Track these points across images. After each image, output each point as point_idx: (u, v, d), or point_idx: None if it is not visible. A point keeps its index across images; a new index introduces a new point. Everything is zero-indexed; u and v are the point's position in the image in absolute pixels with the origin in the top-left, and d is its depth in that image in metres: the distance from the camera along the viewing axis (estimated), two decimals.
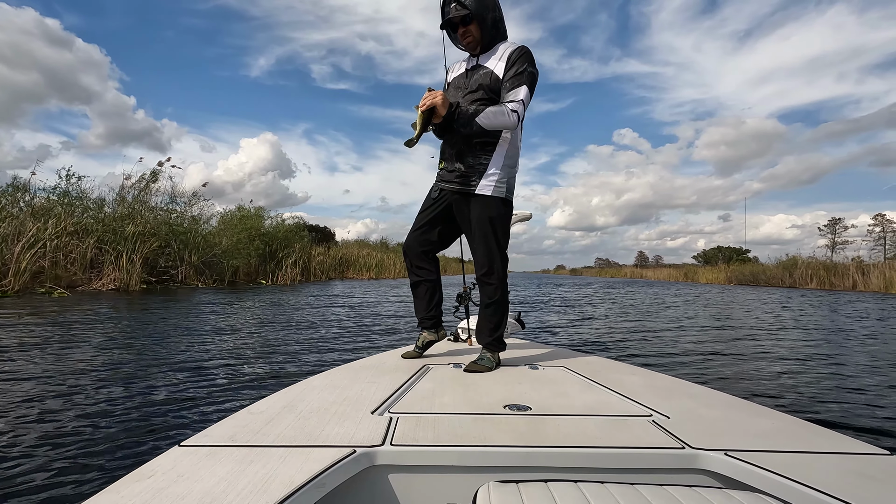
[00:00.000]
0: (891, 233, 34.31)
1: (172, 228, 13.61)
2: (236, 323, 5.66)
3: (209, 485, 0.78)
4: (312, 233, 26.53)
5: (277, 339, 4.56)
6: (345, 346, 4.29)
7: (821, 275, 20.26)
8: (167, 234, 13.14)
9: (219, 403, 2.42)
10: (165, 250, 13.00)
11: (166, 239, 13.05)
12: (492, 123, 1.72)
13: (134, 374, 2.97)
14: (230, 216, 18.12)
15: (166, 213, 14.26)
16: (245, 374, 3.08)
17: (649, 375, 1.71)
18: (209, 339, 4.38)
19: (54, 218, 10.81)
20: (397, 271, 26.91)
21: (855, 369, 3.63)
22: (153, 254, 12.29)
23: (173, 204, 14.94)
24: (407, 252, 2.00)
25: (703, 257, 53.76)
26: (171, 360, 3.39)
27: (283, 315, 6.65)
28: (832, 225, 38.64)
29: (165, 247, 13.00)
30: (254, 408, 1.21)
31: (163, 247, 12.85)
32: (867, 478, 0.86)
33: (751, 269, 26.62)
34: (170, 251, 13.13)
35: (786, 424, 1.16)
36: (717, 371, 3.53)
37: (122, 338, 4.32)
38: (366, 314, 7.00)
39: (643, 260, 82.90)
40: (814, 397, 2.80)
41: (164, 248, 12.92)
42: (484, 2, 1.79)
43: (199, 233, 14.93)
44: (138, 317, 5.93)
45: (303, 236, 21.20)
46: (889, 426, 2.29)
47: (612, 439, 1.03)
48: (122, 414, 2.22)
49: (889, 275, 17.12)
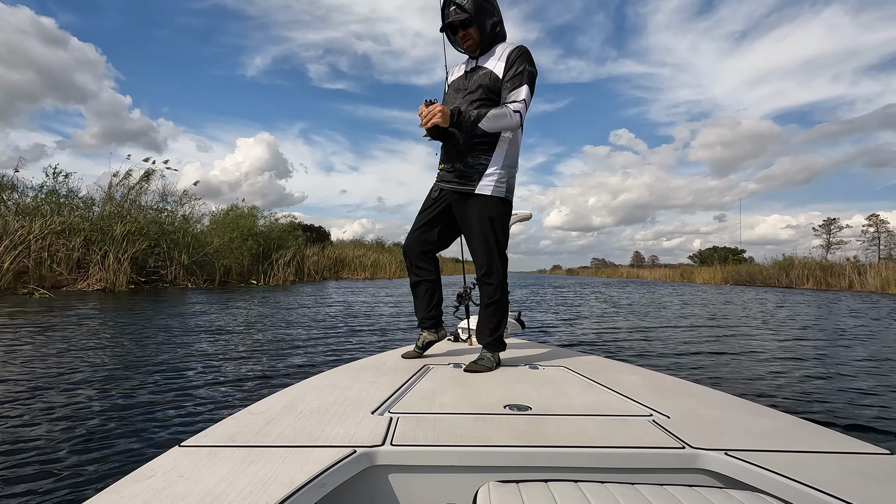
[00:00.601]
0: (885, 233, 34.50)
1: (162, 228, 13.41)
2: (227, 323, 5.65)
3: (209, 485, 0.78)
4: (307, 232, 26.35)
5: (275, 339, 4.55)
6: (343, 346, 4.29)
7: (817, 275, 20.26)
8: (157, 234, 12.98)
9: (219, 404, 2.41)
10: (155, 250, 12.83)
11: (156, 239, 12.89)
12: (495, 126, 1.72)
13: (131, 375, 2.97)
14: (222, 215, 17.97)
15: (156, 213, 14.11)
16: (244, 374, 3.07)
17: (649, 375, 1.71)
18: (206, 340, 4.37)
19: (40, 217, 10.66)
20: (392, 271, 26.77)
21: (855, 369, 3.63)
22: (142, 254, 12.13)
23: (164, 203, 14.84)
24: (407, 252, 2.00)
25: (698, 257, 54.06)
26: (169, 361, 3.39)
27: (274, 315, 6.63)
28: (827, 225, 38.82)
29: (155, 246, 12.83)
30: (254, 408, 1.20)
31: (152, 246, 12.68)
32: (868, 477, 0.86)
33: (747, 269, 26.59)
34: (159, 251, 12.96)
35: (786, 424, 1.16)
36: (717, 371, 3.53)
37: (115, 339, 4.31)
38: (360, 314, 7.00)
39: (639, 260, 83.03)
40: (814, 397, 2.81)
41: (153, 247, 12.75)
42: (483, 5, 1.80)
43: (190, 232, 14.68)
44: (118, 319, 5.79)
45: (297, 236, 21.00)
46: (890, 426, 2.29)
47: (612, 439, 1.03)
48: (121, 414, 2.21)
49: (885, 274, 17.15)
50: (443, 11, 1.86)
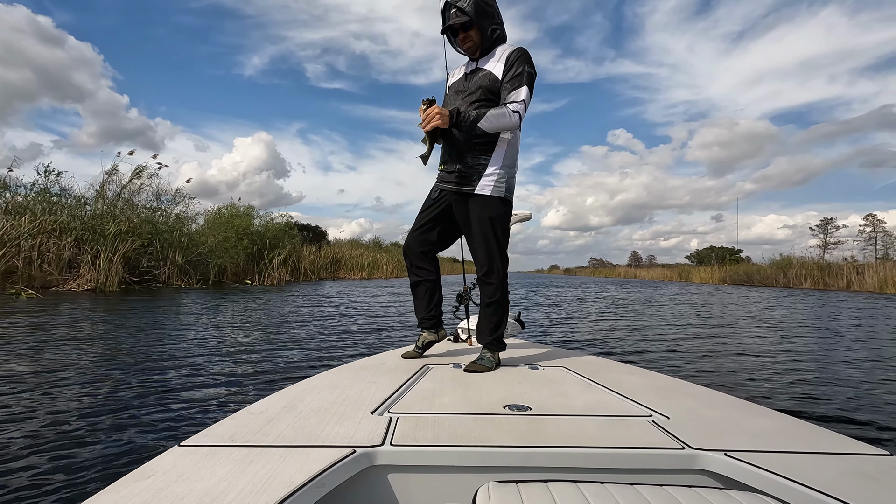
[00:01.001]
0: (881, 233, 34.55)
1: (156, 227, 13.13)
2: (221, 323, 5.64)
3: (209, 485, 0.78)
4: (304, 232, 26.12)
5: (272, 339, 4.55)
6: (341, 346, 4.29)
7: (815, 275, 20.24)
8: (150, 233, 12.69)
9: (218, 403, 2.41)
10: (148, 250, 12.55)
11: (149, 238, 12.61)
12: (494, 126, 1.73)
13: (132, 373, 2.97)
14: (217, 214, 17.70)
15: (150, 212, 13.84)
16: (244, 374, 3.07)
17: (649, 375, 1.71)
18: (207, 339, 4.37)
19: (30, 215, 10.40)
20: (389, 271, 26.64)
21: (855, 369, 3.64)
22: (135, 253, 11.90)
23: (158, 202, 14.57)
24: (407, 252, 2.00)
25: (696, 257, 54.22)
26: (169, 361, 3.39)
27: (268, 316, 6.60)
28: (824, 225, 38.92)
29: (148, 246, 12.56)
30: (253, 408, 1.20)
31: (145, 246, 12.42)
32: (867, 478, 0.86)
33: (745, 268, 26.54)
34: (152, 251, 12.68)
35: (785, 425, 1.16)
36: (717, 371, 3.53)
37: (114, 337, 4.31)
38: (359, 314, 7.00)
39: (637, 260, 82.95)
40: (813, 397, 2.81)
41: (146, 247, 12.48)
42: (484, 8, 1.81)
43: (184, 231, 14.39)
44: (105, 319, 5.72)
45: (293, 235, 20.78)
46: (889, 427, 2.29)
47: (611, 439, 1.03)
48: (121, 414, 2.21)
49: (884, 274, 17.14)
50: (443, 14, 1.87)
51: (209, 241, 15.24)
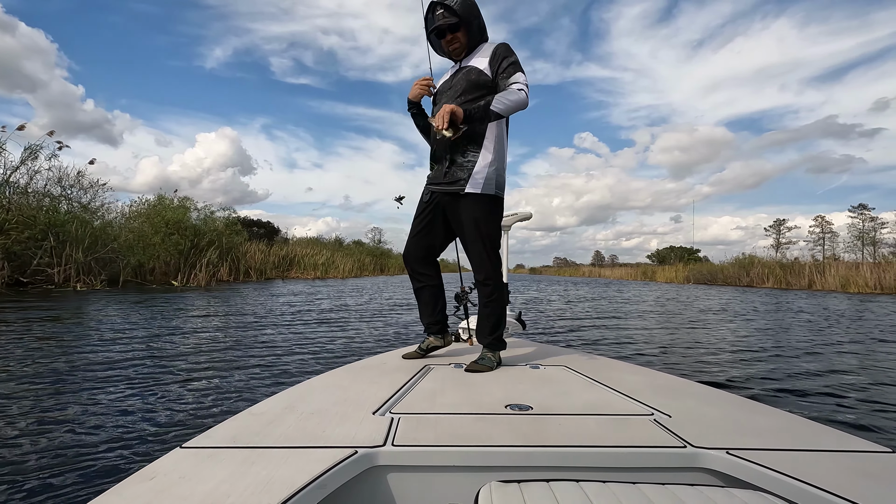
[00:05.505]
0: (829, 234, 36.14)
1: (51, 218, 11.02)
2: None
3: (211, 486, 0.78)
4: (254, 228, 24.72)
5: (274, 339, 4.55)
6: (339, 346, 4.29)
7: (777, 274, 20.09)
8: (46, 224, 10.76)
9: (219, 405, 2.41)
10: (42, 244, 10.61)
11: (43, 230, 10.68)
12: (507, 106, 1.71)
13: (135, 376, 2.97)
14: (143, 207, 15.86)
15: (52, 200, 11.81)
16: (244, 374, 3.07)
17: (650, 374, 1.71)
18: (212, 339, 4.37)
19: None
20: (346, 271, 24.98)
21: (854, 369, 3.63)
22: (21, 248, 10.13)
23: (61, 189, 12.32)
24: (407, 259, 1.99)
25: (656, 257, 55.33)
26: (170, 362, 3.39)
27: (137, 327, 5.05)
28: (777, 226, 39.76)
29: (43, 240, 10.64)
30: (255, 409, 1.20)
31: (38, 240, 10.56)
32: (869, 476, 0.86)
33: (709, 268, 26.51)
34: (47, 245, 10.68)
35: (787, 423, 1.16)
36: (717, 370, 3.53)
37: (113, 337, 4.31)
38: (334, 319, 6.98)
39: (599, 259, 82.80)
40: (814, 395, 2.80)
41: (40, 241, 10.57)
42: (470, 8, 1.79)
43: (90, 223, 12.11)
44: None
45: (237, 231, 18.97)
46: (891, 424, 2.29)
47: (613, 438, 1.03)
48: (122, 416, 2.21)
49: (845, 273, 17.00)
50: (427, 15, 1.83)
51: (123, 235, 13.31)
